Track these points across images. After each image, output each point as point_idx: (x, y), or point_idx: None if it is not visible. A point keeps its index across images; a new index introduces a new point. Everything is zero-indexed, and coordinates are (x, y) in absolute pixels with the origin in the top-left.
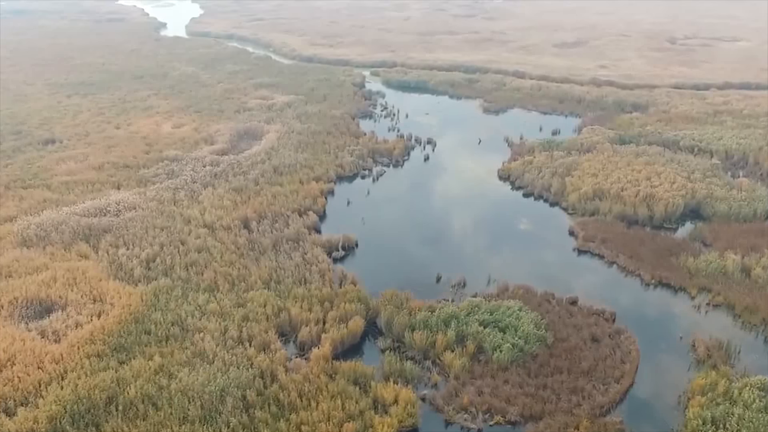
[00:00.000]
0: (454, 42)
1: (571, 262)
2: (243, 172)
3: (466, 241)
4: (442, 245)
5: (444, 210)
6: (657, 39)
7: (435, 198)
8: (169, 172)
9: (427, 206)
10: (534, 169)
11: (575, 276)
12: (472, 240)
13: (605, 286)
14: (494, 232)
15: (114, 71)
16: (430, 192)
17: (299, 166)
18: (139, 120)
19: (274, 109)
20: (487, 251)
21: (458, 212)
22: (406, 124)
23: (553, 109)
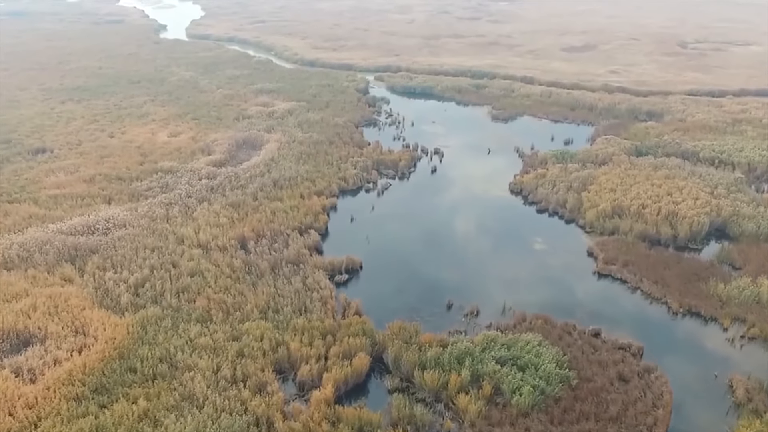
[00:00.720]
0: (460, 46)
1: (592, 288)
2: (241, 186)
3: (478, 262)
4: (452, 267)
5: (453, 227)
6: (667, 43)
7: (443, 214)
8: (163, 185)
9: (435, 223)
10: (548, 183)
11: (597, 303)
12: (484, 261)
13: (630, 316)
14: (508, 253)
15: (110, 76)
16: (438, 207)
17: (300, 179)
18: (134, 128)
19: (275, 117)
20: (500, 274)
21: (468, 230)
22: (412, 133)
23: (564, 117)
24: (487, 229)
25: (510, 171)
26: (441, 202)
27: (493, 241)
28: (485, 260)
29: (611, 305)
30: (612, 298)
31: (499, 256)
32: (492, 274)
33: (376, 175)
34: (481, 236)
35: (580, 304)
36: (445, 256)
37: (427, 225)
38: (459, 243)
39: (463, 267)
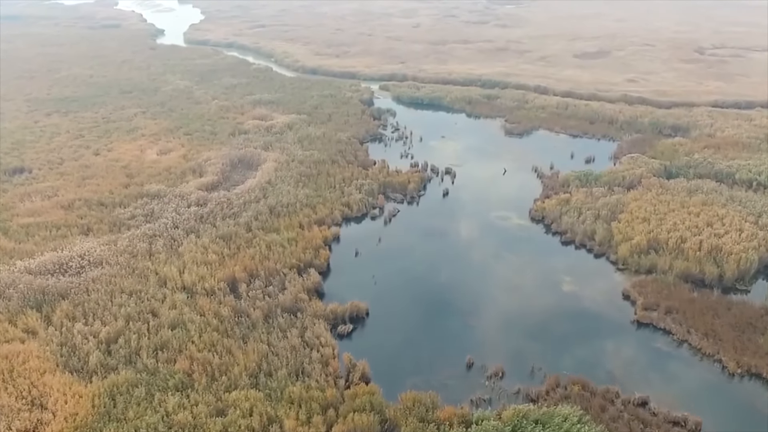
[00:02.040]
0: (468, 52)
1: (632, 341)
2: (233, 214)
3: (500, 307)
4: (470, 313)
5: (469, 263)
6: (684, 49)
7: (458, 247)
8: (148, 212)
9: (448, 258)
10: (573, 210)
11: (639, 362)
12: (506, 306)
13: (680, 378)
14: (533, 296)
15: (101, 85)
16: (452, 239)
17: (299, 205)
18: (121, 144)
19: (273, 132)
20: (526, 322)
21: (487, 266)
22: (421, 150)
23: (583, 132)
24: (509, 266)
25: (529, 194)
26: (455, 232)
27: (515, 280)
28: (508, 305)
29: (657, 364)
30: (657, 354)
31: (523, 300)
32: (516, 322)
33: (383, 200)
34: (502, 274)
35: (620, 362)
36: (461, 299)
37: (439, 260)
38: (477, 283)
39: (483, 314)
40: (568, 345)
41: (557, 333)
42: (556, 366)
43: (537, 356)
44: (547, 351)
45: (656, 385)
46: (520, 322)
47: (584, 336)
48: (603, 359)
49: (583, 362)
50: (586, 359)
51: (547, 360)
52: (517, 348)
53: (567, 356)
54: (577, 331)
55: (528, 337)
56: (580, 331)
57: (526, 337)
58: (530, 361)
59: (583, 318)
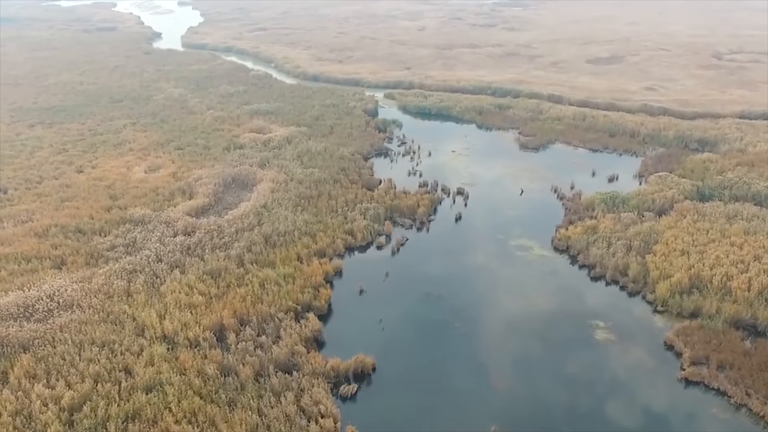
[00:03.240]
0: (477, 57)
1: (681, 405)
2: (224, 245)
3: (528, 364)
4: (494, 371)
5: (490, 306)
6: (701, 54)
7: (474, 284)
8: (130, 242)
9: (465, 299)
10: (601, 239)
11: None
12: (535, 363)
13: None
14: (564, 349)
15: (91, 93)
16: (468, 273)
17: (298, 233)
18: (107, 160)
19: (271, 147)
20: (558, 384)
21: (508, 308)
22: (430, 166)
23: (603, 146)
24: (532, 307)
25: (550, 219)
26: (470, 264)
27: (544, 328)
28: (537, 361)
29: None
30: (712, 422)
31: (554, 355)
32: (547, 383)
33: (390, 227)
34: (528, 321)
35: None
36: (483, 352)
37: (454, 301)
38: (500, 331)
39: (509, 372)
40: (606, 412)
41: (594, 396)
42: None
43: (572, 424)
44: (584, 419)
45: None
46: (552, 382)
47: (625, 400)
48: (650, 428)
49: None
50: (629, 428)
51: (584, 430)
52: (548, 415)
53: (610, 425)
54: (617, 394)
55: (560, 402)
56: (621, 394)
57: (558, 401)
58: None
59: (622, 376)
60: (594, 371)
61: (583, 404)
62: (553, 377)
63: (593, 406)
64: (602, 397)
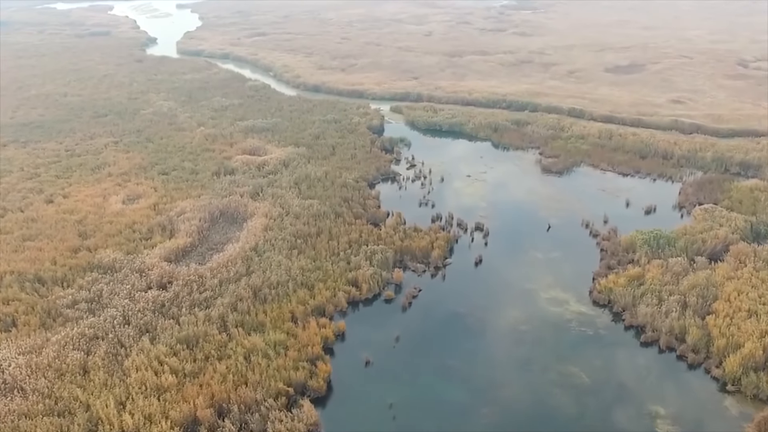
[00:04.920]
0: (488, 65)
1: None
2: (205, 301)
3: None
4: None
5: (522, 381)
6: (726, 62)
7: (503, 354)
8: (95, 296)
9: (493, 372)
10: (649, 294)
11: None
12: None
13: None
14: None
15: (74, 106)
16: (494, 337)
17: (293, 284)
18: (81, 188)
19: (265, 172)
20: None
21: (546, 387)
22: (443, 194)
23: (634, 170)
24: (575, 387)
25: (584, 263)
26: (495, 325)
27: (588, 413)
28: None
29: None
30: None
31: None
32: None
33: (400, 275)
34: (568, 402)
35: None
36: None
37: (479, 376)
38: (533, 417)
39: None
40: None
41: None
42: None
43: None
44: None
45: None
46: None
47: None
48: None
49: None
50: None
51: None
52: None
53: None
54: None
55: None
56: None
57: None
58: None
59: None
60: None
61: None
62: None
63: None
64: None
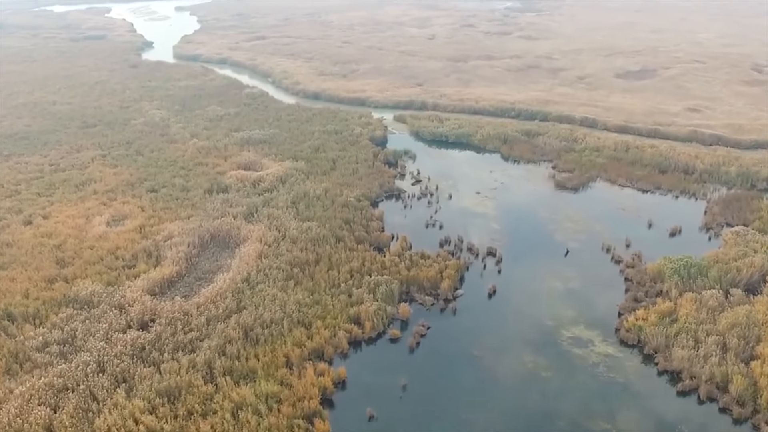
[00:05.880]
0: (494, 71)
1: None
2: (190, 343)
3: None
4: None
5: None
6: (741, 67)
7: (522, 402)
8: (68, 336)
9: (512, 425)
10: (684, 333)
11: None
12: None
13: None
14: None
15: (62, 115)
16: (512, 385)
17: (288, 322)
18: (63, 207)
19: (261, 189)
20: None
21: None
22: (451, 214)
23: (654, 185)
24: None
25: (608, 294)
26: (513, 370)
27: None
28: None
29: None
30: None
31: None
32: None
33: (407, 310)
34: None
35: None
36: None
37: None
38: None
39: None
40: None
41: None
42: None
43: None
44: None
45: None
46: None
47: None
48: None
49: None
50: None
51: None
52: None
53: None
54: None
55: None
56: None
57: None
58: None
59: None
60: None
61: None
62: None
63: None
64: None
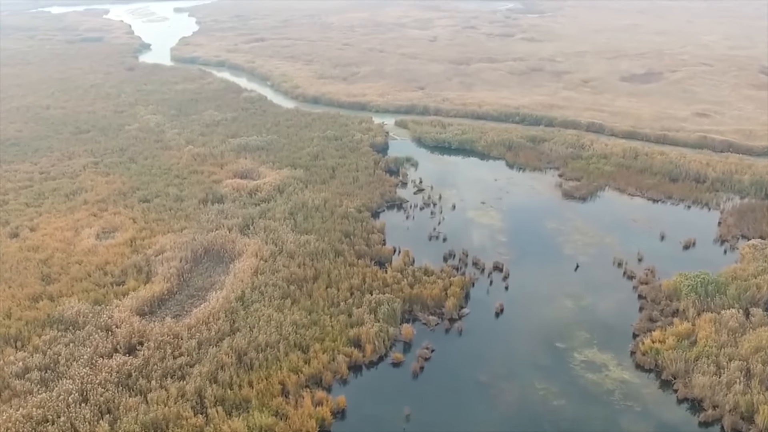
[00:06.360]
0: (497, 74)
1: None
2: (179, 369)
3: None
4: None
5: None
6: (749, 70)
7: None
8: (51, 361)
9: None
10: (704, 358)
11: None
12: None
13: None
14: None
15: (55, 120)
16: (522, 412)
17: (284, 345)
18: (52, 218)
19: (258, 199)
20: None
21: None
22: (455, 225)
23: (665, 195)
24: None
25: (622, 312)
26: (523, 400)
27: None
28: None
29: None
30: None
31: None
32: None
33: (410, 331)
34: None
35: None
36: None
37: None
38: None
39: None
40: None
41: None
42: None
43: None
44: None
45: None
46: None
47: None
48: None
49: None
50: None
51: None
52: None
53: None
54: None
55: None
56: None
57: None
58: None
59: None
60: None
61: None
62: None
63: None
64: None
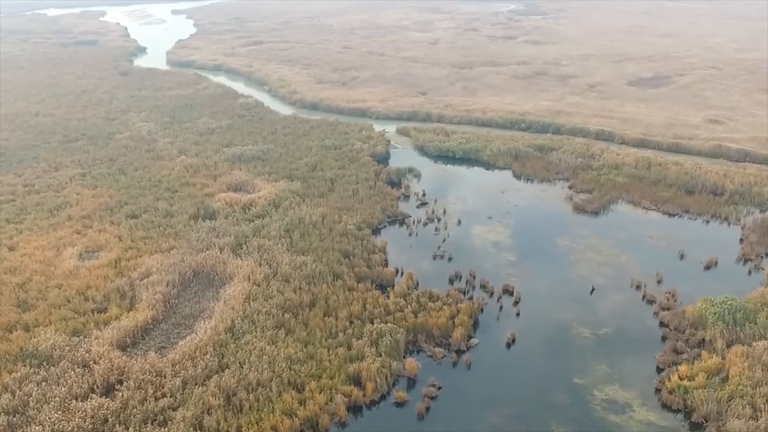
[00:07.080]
0: (501, 78)
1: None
2: (161, 412)
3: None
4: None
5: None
6: (759, 74)
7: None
8: (19, 404)
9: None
10: (738, 398)
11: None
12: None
13: None
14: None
15: (43, 128)
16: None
17: (277, 384)
18: (33, 236)
19: (252, 216)
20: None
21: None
22: (461, 243)
23: (682, 208)
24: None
25: (643, 344)
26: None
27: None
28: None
29: None
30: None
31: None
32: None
33: (415, 366)
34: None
35: None
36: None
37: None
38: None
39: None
40: None
41: None
42: None
43: None
44: None
45: None
46: None
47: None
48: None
49: None
50: None
51: None
52: None
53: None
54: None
55: None
56: None
57: None
58: None
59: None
60: None
61: None
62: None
63: None
64: None
